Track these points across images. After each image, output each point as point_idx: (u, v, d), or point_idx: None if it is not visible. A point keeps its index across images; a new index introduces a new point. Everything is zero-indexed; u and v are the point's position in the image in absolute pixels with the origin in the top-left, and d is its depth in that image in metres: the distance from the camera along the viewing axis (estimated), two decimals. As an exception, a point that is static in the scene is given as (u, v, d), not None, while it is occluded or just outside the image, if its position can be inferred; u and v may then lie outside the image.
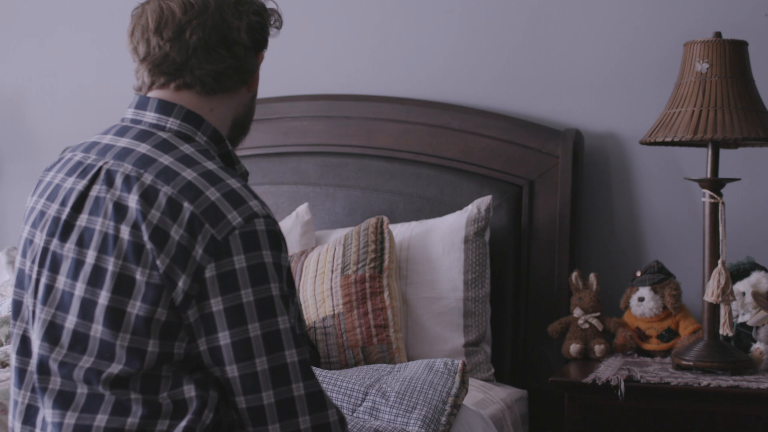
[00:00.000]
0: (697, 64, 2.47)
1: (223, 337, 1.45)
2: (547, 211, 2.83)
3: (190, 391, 1.48)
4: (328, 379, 2.21)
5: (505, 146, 2.89)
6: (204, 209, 1.46)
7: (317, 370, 2.27)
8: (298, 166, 3.06)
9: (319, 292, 2.61)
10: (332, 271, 2.60)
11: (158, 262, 1.45)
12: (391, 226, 2.78)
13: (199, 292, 1.45)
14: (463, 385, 2.24)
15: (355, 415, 2.15)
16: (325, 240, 2.87)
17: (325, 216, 3.00)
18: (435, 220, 2.79)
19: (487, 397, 2.54)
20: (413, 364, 2.31)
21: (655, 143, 2.54)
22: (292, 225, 2.88)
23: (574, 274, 2.76)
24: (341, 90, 3.16)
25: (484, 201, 2.74)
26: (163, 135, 1.57)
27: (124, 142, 1.57)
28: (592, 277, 2.76)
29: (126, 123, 1.61)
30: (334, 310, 2.56)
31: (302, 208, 2.91)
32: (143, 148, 1.54)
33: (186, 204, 1.47)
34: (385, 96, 3.09)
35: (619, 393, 2.37)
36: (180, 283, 1.45)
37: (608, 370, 2.48)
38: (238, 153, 3.00)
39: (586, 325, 2.71)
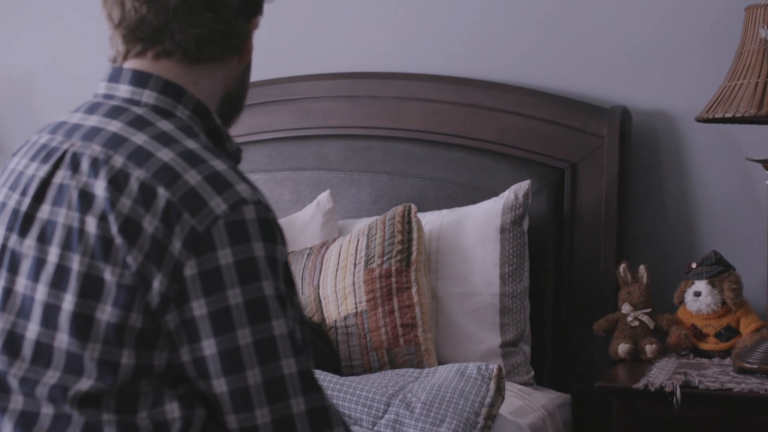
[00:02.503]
0: (761, 30, 2.35)
1: (208, 346, 1.30)
2: (591, 196, 2.75)
3: (173, 410, 1.33)
4: (345, 387, 2.10)
5: (544, 126, 2.82)
6: (182, 195, 1.31)
7: (334, 377, 2.14)
8: (320, 150, 3.01)
9: (340, 287, 2.52)
10: (355, 265, 2.52)
11: (129, 258, 1.30)
12: (420, 215, 2.69)
13: (178, 294, 1.30)
14: (499, 393, 2.13)
15: (375, 429, 2.03)
16: (349, 230, 2.80)
17: (350, 204, 2.94)
18: (468, 207, 2.72)
19: (526, 404, 2.43)
20: (443, 369, 2.21)
21: (714, 120, 2.40)
22: (312, 214, 2.82)
23: (622, 266, 2.65)
24: (366, 68, 3.08)
25: (521, 186, 2.65)
26: (138, 111, 1.41)
27: (93, 120, 1.42)
28: (642, 269, 2.65)
29: (98, 99, 1.47)
30: (356, 308, 2.48)
31: (324, 196, 2.84)
32: (114, 126, 1.39)
33: (161, 190, 1.31)
34: (414, 73, 3.01)
35: (674, 400, 2.24)
36: (155, 284, 1.30)
37: (661, 374, 2.37)
38: (256, 136, 3.10)
39: (636, 323, 2.61)
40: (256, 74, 3.09)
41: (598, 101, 2.85)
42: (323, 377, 2.10)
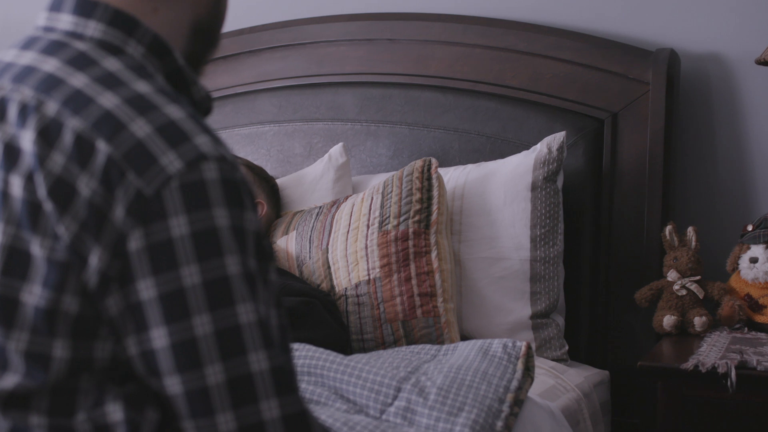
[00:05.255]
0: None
1: (159, 337, 1.13)
2: (634, 150, 2.67)
3: (116, 412, 1.17)
4: (350, 369, 1.93)
5: (582, 71, 2.75)
6: (127, 150, 1.12)
7: (337, 357, 1.98)
8: (335, 99, 2.96)
9: (351, 252, 2.43)
10: (368, 226, 2.43)
11: (61, 228, 1.13)
12: (443, 170, 2.62)
13: (121, 272, 1.13)
14: (527, 374, 1.97)
15: (383, 417, 1.86)
16: (364, 186, 2.74)
17: (366, 158, 2.89)
18: (496, 162, 2.63)
19: (558, 384, 2.29)
20: (463, 346, 2.06)
21: (776, 62, 2.28)
22: (324, 169, 2.76)
23: (669, 229, 2.55)
24: (385, 8, 3.03)
25: (556, 139, 2.55)
26: (81, 46, 1.22)
27: (27, 57, 1.24)
28: (690, 231, 2.56)
29: (37, 32, 1.29)
30: (369, 275, 2.39)
31: (336, 149, 2.77)
32: (50, 65, 1.20)
33: (101, 143, 1.13)
34: (438, 14, 2.94)
35: (728, 383, 2.08)
36: (93, 260, 1.12)
37: (713, 351, 2.21)
38: (264, 84, 2.99)
39: (683, 292, 2.51)
40: (264, 17, 3.03)
41: (643, 43, 2.77)
42: (324, 357, 1.96)
